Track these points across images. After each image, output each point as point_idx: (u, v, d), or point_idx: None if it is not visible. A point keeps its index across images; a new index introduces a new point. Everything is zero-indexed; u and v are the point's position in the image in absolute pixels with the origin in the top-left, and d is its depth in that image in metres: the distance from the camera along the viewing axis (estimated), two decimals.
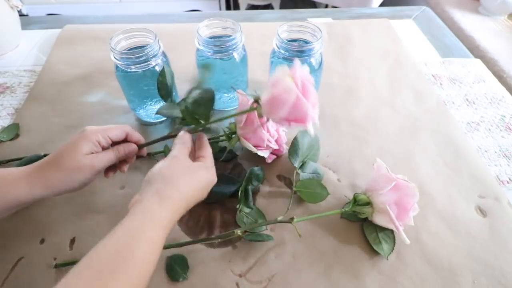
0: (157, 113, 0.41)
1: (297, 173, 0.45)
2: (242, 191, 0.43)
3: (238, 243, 0.40)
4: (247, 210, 0.42)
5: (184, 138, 0.37)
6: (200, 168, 0.35)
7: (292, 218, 0.38)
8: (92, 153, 0.35)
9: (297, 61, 0.33)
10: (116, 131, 0.38)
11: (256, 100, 0.35)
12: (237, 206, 0.42)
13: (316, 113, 0.33)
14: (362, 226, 0.42)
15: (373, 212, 0.39)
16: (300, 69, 0.32)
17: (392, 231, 0.41)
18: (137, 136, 0.40)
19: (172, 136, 0.39)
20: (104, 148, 0.37)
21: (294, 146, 0.46)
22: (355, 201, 0.41)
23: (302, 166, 0.46)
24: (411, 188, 0.37)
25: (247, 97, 0.39)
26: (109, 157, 0.37)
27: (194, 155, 0.37)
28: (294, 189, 0.43)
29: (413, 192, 0.37)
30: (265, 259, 0.39)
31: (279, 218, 0.39)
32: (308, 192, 0.43)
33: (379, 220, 0.39)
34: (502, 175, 0.49)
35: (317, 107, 0.33)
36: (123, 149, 0.38)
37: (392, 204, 0.38)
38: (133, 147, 0.39)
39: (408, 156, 0.50)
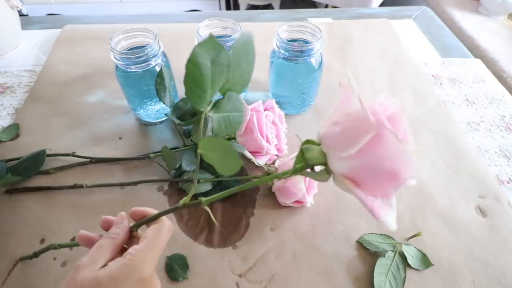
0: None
1: (206, 117, 0.32)
2: None
3: (238, 243, 0.40)
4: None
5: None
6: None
7: (199, 201, 0.27)
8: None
9: None
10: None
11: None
12: None
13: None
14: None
15: (332, 177, 0.23)
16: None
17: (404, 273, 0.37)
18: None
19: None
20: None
21: (192, 73, 0.29)
22: (303, 157, 0.24)
23: (217, 105, 0.31)
24: (403, 152, 0.19)
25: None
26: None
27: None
28: (199, 150, 0.27)
29: (407, 160, 0.19)
30: (265, 259, 0.39)
31: (181, 202, 0.27)
32: (215, 157, 0.27)
33: (342, 187, 0.22)
34: (502, 175, 0.49)
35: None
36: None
37: (364, 174, 0.20)
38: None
39: None
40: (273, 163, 0.46)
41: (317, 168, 0.24)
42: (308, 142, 0.24)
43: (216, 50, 0.29)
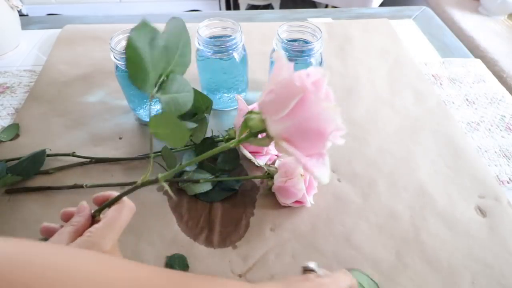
0: None
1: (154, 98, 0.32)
2: None
3: (238, 243, 0.40)
4: None
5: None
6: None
7: (156, 179, 0.28)
8: None
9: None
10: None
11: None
12: None
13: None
14: None
15: (274, 143, 0.25)
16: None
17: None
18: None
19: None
20: None
21: (132, 57, 0.27)
22: (247, 126, 0.26)
23: (162, 87, 0.32)
24: (324, 110, 0.22)
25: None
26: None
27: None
28: (150, 130, 0.28)
29: (328, 116, 0.22)
30: (265, 259, 0.39)
31: (140, 181, 0.29)
32: (165, 132, 0.29)
33: (282, 150, 0.24)
34: (502, 175, 0.49)
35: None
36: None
37: (296, 133, 0.23)
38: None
39: (408, 156, 0.50)
40: (273, 163, 0.46)
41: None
42: (250, 113, 0.26)
43: (151, 33, 0.30)
